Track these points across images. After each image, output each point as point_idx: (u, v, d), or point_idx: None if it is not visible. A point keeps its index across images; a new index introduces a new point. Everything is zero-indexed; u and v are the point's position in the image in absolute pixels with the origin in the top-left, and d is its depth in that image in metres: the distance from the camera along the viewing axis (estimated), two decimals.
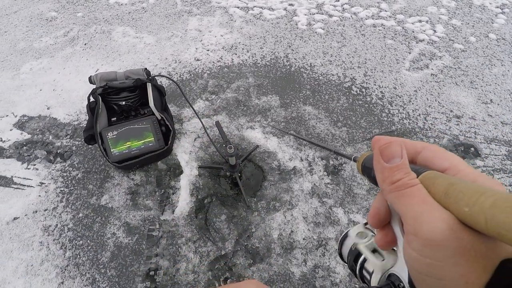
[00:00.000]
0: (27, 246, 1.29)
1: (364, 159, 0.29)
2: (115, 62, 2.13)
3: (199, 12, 2.58)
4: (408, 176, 0.23)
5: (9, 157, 1.61)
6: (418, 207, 0.22)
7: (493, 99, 1.86)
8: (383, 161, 0.24)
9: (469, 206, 0.19)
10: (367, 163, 0.28)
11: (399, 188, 0.23)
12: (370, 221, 0.28)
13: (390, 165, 0.24)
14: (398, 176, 0.23)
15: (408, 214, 0.22)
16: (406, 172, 0.23)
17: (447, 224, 0.20)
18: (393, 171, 0.24)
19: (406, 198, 0.22)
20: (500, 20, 2.45)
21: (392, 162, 0.24)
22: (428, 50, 2.20)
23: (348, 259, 0.45)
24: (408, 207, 0.22)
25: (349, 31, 2.36)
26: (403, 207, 0.23)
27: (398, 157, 0.24)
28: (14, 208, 1.41)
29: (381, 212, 0.27)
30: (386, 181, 0.24)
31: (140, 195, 1.43)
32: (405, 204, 0.22)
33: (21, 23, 2.53)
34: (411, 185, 0.23)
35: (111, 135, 1.40)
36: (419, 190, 0.22)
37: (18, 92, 1.95)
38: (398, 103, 1.84)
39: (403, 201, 0.23)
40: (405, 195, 0.23)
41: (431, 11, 2.55)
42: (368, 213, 0.28)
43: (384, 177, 0.24)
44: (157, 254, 1.26)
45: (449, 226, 0.20)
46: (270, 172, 1.49)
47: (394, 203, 0.24)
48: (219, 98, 1.86)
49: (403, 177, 0.23)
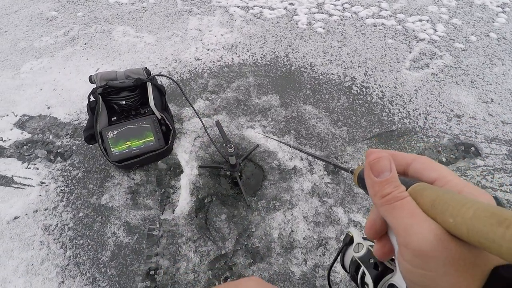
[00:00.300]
0: (27, 246, 1.29)
1: (360, 172, 0.30)
2: (115, 62, 2.13)
3: (199, 11, 2.58)
4: (398, 189, 0.24)
5: (10, 156, 1.61)
6: (408, 219, 0.22)
7: (493, 99, 1.86)
8: (373, 175, 0.25)
9: (453, 216, 0.20)
10: (362, 176, 0.29)
11: (389, 202, 0.24)
12: (367, 233, 0.28)
13: (380, 179, 0.25)
14: (388, 190, 0.24)
15: (399, 226, 0.23)
16: (396, 185, 0.24)
17: (435, 234, 0.21)
18: (383, 185, 0.24)
19: (396, 211, 0.23)
20: (501, 19, 2.45)
21: (382, 176, 0.25)
22: (429, 49, 2.20)
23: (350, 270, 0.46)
24: (399, 219, 0.23)
25: (349, 31, 2.36)
26: (394, 220, 0.23)
27: (387, 171, 0.25)
28: (14, 207, 1.41)
29: (377, 224, 0.27)
30: (377, 195, 0.25)
31: (140, 194, 1.43)
32: (396, 216, 0.23)
33: (22, 23, 2.53)
34: (400, 198, 0.23)
35: (111, 135, 1.40)
36: (408, 202, 0.23)
37: (19, 91, 1.95)
38: (399, 102, 1.84)
39: (394, 214, 0.23)
40: (395, 208, 0.23)
41: (431, 10, 2.55)
42: (365, 225, 0.28)
43: (374, 191, 0.25)
44: (157, 254, 1.26)
45: (437, 236, 0.21)
46: (270, 172, 1.49)
47: (386, 216, 0.24)
48: (219, 98, 1.86)
49: (393, 191, 0.24)
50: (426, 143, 1.63)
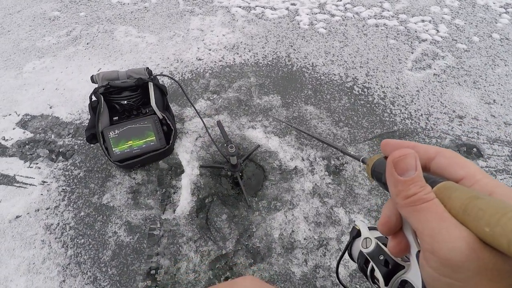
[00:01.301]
0: (29, 245, 1.30)
1: (374, 163, 0.28)
2: (117, 62, 2.14)
3: (201, 11, 2.58)
4: (424, 190, 0.22)
5: (12, 155, 1.62)
6: (436, 223, 0.21)
7: (496, 100, 1.85)
8: (397, 174, 0.23)
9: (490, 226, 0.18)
10: (377, 168, 0.27)
11: (414, 203, 0.22)
12: (381, 229, 0.27)
13: (404, 178, 0.23)
14: (413, 190, 0.22)
15: (425, 231, 0.21)
16: (421, 185, 0.22)
17: (467, 243, 0.19)
18: (408, 184, 0.23)
19: (422, 214, 0.22)
20: (504, 20, 2.44)
21: (406, 175, 0.23)
22: (431, 50, 2.19)
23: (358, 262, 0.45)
24: (424, 223, 0.21)
25: (351, 31, 2.36)
26: (419, 223, 0.22)
27: (413, 169, 0.23)
28: (16, 206, 1.41)
29: (391, 220, 0.26)
30: (400, 195, 0.23)
31: (142, 194, 1.44)
32: (421, 220, 0.22)
33: (24, 23, 2.54)
34: (426, 199, 0.22)
35: (112, 134, 1.40)
36: (436, 205, 0.21)
37: (21, 91, 1.96)
38: (400, 103, 1.83)
39: (419, 217, 0.22)
40: (420, 211, 0.22)
41: (434, 11, 2.54)
42: (379, 221, 0.27)
43: (398, 190, 0.23)
44: (158, 253, 1.26)
45: (469, 245, 0.19)
46: (271, 172, 1.49)
47: (409, 218, 0.23)
48: (221, 98, 1.86)
49: (418, 191, 0.22)
50: (428, 144, 1.62)
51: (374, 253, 0.39)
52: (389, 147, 0.27)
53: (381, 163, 0.27)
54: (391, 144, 0.27)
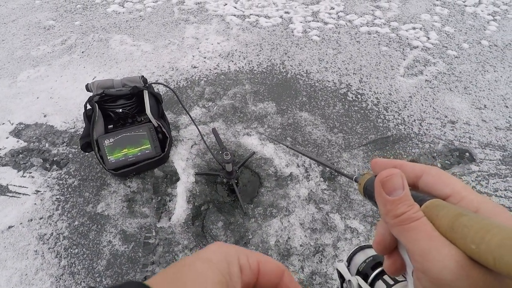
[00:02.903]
0: (21, 255, 1.28)
1: (366, 182, 0.29)
2: (112, 70, 2.14)
3: (196, 20, 2.61)
4: (412, 208, 0.22)
5: (5, 165, 1.60)
6: (425, 243, 0.21)
7: (486, 105, 1.88)
8: (385, 193, 0.24)
9: (475, 243, 0.18)
10: (369, 186, 0.28)
11: (403, 222, 0.22)
12: (376, 248, 0.27)
13: (392, 198, 0.23)
14: (401, 209, 0.22)
15: (415, 250, 0.21)
16: (409, 204, 0.23)
17: (456, 261, 0.19)
18: (396, 204, 0.23)
19: (411, 233, 0.22)
20: (492, 27, 2.50)
21: (394, 194, 0.23)
22: (422, 56, 2.23)
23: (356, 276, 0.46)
24: (414, 242, 0.21)
25: (344, 38, 2.40)
26: (409, 242, 0.22)
27: (400, 188, 0.23)
28: (9, 216, 1.39)
29: (386, 239, 0.26)
30: (389, 214, 0.23)
31: (137, 202, 1.43)
32: (411, 239, 0.22)
33: (19, 32, 2.54)
34: (415, 218, 0.22)
35: (107, 143, 1.40)
36: (424, 224, 0.22)
37: (15, 100, 1.95)
38: (394, 109, 1.86)
39: (409, 236, 0.22)
40: (410, 230, 0.22)
41: (424, 19, 2.60)
42: (373, 240, 0.27)
43: (387, 210, 0.23)
44: (153, 262, 1.25)
45: (458, 263, 0.19)
46: (267, 179, 1.49)
47: (399, 237, 0.23)
48: (216, 105, 1.87)
49: (407, 210, 0.22)
50: (421, 149, 1.64)
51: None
52: (378, 166, 0.28)
53: (372, 182, 0.27)
54: (380, 164, 0.28)
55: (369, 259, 0.45)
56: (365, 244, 0.48)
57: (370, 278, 0.41)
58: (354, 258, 0.48)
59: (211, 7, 2.75)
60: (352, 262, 0.48)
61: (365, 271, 0.44)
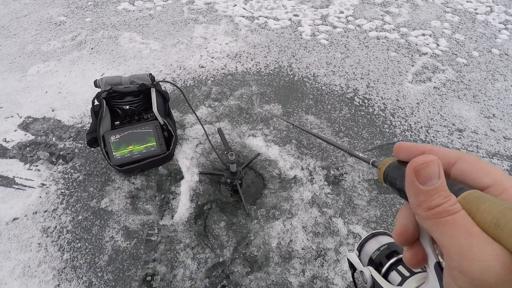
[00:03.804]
0: (25, 247, 1.29)
1: (387, 168, 0.26)
2: (120, 67, 2.16)
3: (205, 20, 2.62)
4: (449, 200, 0.20)
5: (12, 157, 1.62)
6: (464, 240, 0.19)
7: (495, 114, 1.86)
8: (419, 183, 0.21)
9: None
10: (392, 172, 0.26)
11: (438, 215, 0.20)
12: (396, 239, 0.25)
13: (426, 188, 0.21)
14: (436, 201, 0.20)
15: (452, 247, 0.19)
16: (446, 195, 0.20)
17: (501, 262, 0.17)
18: (431, 195, 0.21)
19: (447, 228, 0.20)
20: (503, 35, 2.47)
21: (429, 184, 0.21)
22: (431, 63, 2.21)
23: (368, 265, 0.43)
24: (451, 238, 0.19)
25: (352, 43, 2.39)
26: (444, 238, 0.20)
27: (436, 178, 0.21)
28: (14, 208, 1.41)
29: (408, 229, 0.24)
30: (422, 206, 0.21)
31: (140, 199, 1.43)
32: (447, 234, 0.20)
33: (31, 27, 2.58)
34: (452, 212, 0.20)
35: (113, 139, 1.41)
36: (463, 218, 0.19)
37: (24, 93, 1.98)
38: (400, 115, 1.84)
39: (444, 231, 0.20)
40: (446, 224, 0.20)
41: (434, 25, 2.58)
42: (394, 230, 0.25)
43: (419, 201, 0.21)
44: (154, 259, 1.25)
45: (504, 264, 0.17)
46: (271, 180, 1.49)
47: (432, 231, 0.21)
48: (222, 105, 1.87)
49: (443, 202, 0.20)
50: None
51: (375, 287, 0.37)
52: (403, 151, 0.25)
53: (396, 168, 0.25)
54: (405, 148, 0.25)
55: (384, 247, 0.41)
56: (377, 231, 0.45)
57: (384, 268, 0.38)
58: (366, 246, 0.44)
59: (221, 8, 2.76)
60: (364, 250, 0.44)
61: (379, 260, 0.40)
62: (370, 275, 0.37)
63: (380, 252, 0.41)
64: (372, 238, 0.44)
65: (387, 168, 0.26)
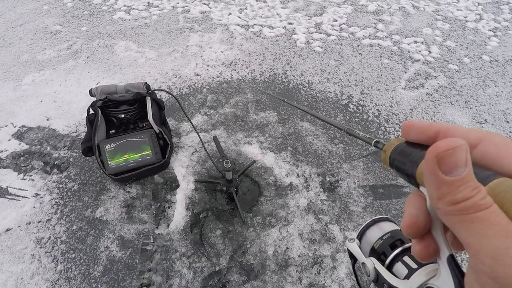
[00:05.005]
0: (18, 259, 1.27)
1: (393, 151, 0.23)
2: (116, 76, 2.17)
3: (200, 28, 2.64)
4: (478, 193, 0.17)
5: (6, 167, 1.61)
6: (499, 241, 0.16)
7: (487, 119, 1.89)
8: (442, 172, 0.18)
9: None
10: (399, 156, 0.23)
11: (466, 211, 0.17)
12: (406, 231, 0.22)
13: (451, 178, 0.17)
14: (463, 194, 0.17)
15: (483, 249, 0.16)
16: (474, 187, 0.17)
17: None
18: (456, 186, 0.17)
19: (477, 226, 0.17)
20: (493, 42, 2.53)
21: (454, 173, 0.17)
22: (424, 70, 2.25)
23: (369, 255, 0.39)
24: (482, 239, 0.16)
25: (346, 50, 2.42)
26: (473, 238, 0.17)
27: (462, 166, 0.17)
28: (7, 219, 1.39)
29: (419, 220, 0.21)
30: (444, 200, 0.18)
31: (136, 208, 1.43)
32: (477, 234, 0.17)
33: (26, 36, 2.58)
34: (483, 206, 0.17)
35: (108, 148, 1.41)
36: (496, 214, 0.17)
37: (19, 103, 1.97)
38: (395, 121, 1.86)
39: (473, 230, 0.17)
40: (475, 221, 0.17)
41: (426, 33, 2.63)
42: (402, 222, 0.22)
43: (441, 194, 0.18)
44: (150, 269, 1.24)
45: None
46: (267, 188, 1.49)
47: (457, 229, 0.18)
48: (218, 113, 1.88)
49: (471, 195, 0.17)
50: None
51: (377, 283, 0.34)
52: (414, 131, 0.22)
53: (405, 150, 0.23)
54: (417, 128, 0.22)
55: (387, 236, 0.37)
56: (378, 217, 0.40)
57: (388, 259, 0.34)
58: (367, 234, 0.40)
59: (216, 16, 2.79)
60: (364, 238, 0.40)
61: (382, 250, 0.36)
62: (373, 267, 0.34)
63: (383, 241, 0.37)
64: (374, 225, 0.40)
65: (394, 150, 0.23)
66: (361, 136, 0.30)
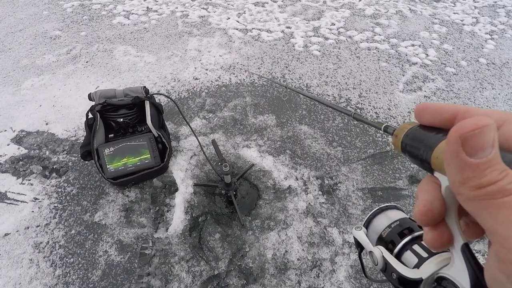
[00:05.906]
0: (16, 264, 1.27)
1: (405, 137, 0.22)
2: (115, 80, 2.17)
3: (199, 33, 2.66)
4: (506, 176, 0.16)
5: (5, 171, 1.61)
6: None
7: None
8: (466, 154, 0.16)
9: None
10: (413, 141, 0.22)
11: (492, 196, 0.16)
12: (419, 219, 0.21)
13: (476, 161, 0.16)
14: (489, 177, 0.16)
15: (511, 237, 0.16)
16: (502, 169, 0.16)
17: None
18: (482, 169, 0.16)
19: (505, 212, 0.16)
20: (490, 45, 2.54)
21: (480, 155, 0.16)
22: (421, 73, 2.26)
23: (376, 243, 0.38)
24: (510, 226, 0.16)
25: (344, 54, 2.44)
26: (500, 226, 0.16)
27: (489, 147, 0.16)
28: (6, 223, 1.39)
29: (434, 208, 0.20)
30: (468, 184, 0.17)
31: (134, 212, 1.42)
32: (504, 221, 0.16)
33: (26, 41, 2.59)
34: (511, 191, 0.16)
35: (107, 152, 1.41)
36: None
37: (18, 107, 1.97)
38: (393, 123, 1.87)
39: (500, 216, 0.16)
40: (502, 207, 0.16)
41: (423, 36, 2.65)
42: (416, 209, 0.21)
43: (465, 177, 0.17)
44: (149, 273, 1.23)
45: None
46: (265, 191, 1.49)
47: (481, 216, 0.17)
48: (216, 117, 1.88)
49: (498, 179, 0.16)
50: None
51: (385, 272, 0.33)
52: (429, 113, 0.21)
53: (418, 134, 0.21)
54: (433, 110, 0.21)
55: (395, 224, 0.36)
56: (386, 205, 0.39)
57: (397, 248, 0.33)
58: (374, 222, 0.39)
59: (214, 21, 2.81)
60: (371, 226, 0.38)
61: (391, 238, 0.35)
62: (382, 256, 0.33)
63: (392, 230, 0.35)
64: (381, 213, 0.38)
65: (406, 135, 0.22)
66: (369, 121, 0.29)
